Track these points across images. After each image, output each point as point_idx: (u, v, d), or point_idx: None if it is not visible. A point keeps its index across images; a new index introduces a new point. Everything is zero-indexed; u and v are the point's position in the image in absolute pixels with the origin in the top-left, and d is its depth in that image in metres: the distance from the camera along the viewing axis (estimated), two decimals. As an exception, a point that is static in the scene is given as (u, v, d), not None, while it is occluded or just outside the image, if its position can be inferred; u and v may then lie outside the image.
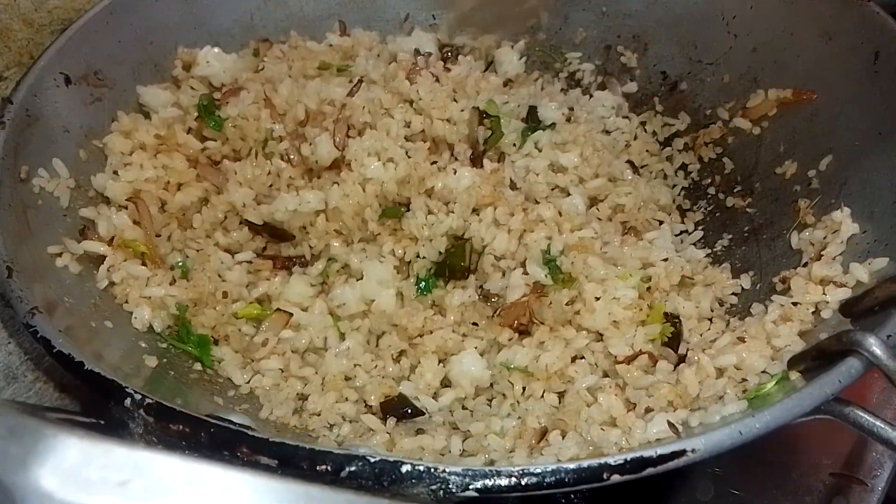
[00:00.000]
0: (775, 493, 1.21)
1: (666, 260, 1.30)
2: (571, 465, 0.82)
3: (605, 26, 1.65)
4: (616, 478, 0.82)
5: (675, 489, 1.21)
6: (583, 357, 1.20)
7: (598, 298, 1.22)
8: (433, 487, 0.80)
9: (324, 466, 0.80)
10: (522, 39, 1.68)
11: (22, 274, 1.04)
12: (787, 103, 1.40)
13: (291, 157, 1.38)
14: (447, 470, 0.80)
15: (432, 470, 0.80)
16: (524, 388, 1.17)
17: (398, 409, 1.13)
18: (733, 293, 1.29)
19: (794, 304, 1.11)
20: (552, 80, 1.68)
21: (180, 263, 1.30)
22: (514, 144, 1.46)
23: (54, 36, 1.36)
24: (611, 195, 1.44)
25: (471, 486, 0.80)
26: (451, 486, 0.80)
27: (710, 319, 1.23)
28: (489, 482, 0.81)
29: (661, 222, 1.44)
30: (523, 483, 0.81)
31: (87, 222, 1.25)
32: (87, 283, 1.17)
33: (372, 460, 0.81)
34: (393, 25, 1.69)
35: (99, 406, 0.98)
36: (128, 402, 0.87)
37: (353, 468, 0.80)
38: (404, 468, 0.81)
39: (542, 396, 1.16)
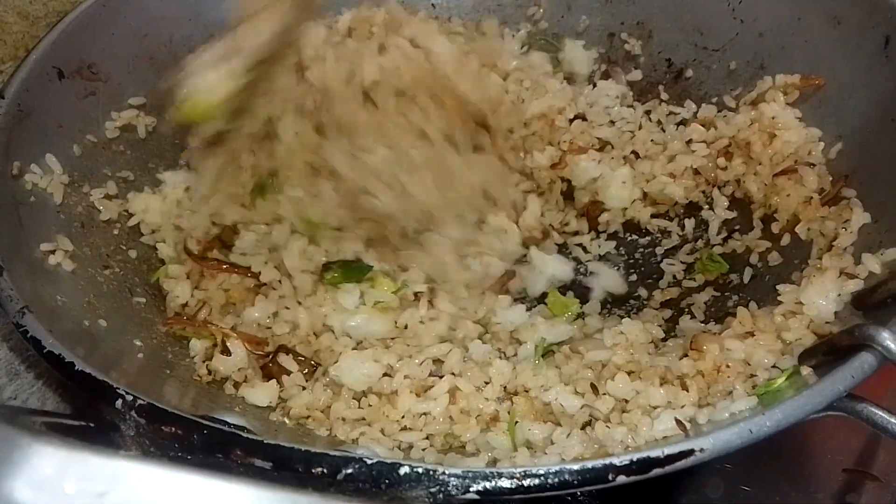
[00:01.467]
0: (787, 490, 1.18)
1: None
2: (575, 466, 0.80)
3: (609, 13, 1.61)
4: (622, 479, 0.79)
5: (684, 486, 1.18)
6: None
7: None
8: (432, 490, 0.78)
9: (319, 469, 0.78)
10: (524, 28, 1.65)
11: (13, 272, 1.02)
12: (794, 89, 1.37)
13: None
14: (447, 472, 0.78)
15: (431, 472, 0.78)
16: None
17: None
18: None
19: (805, 296, 1.08)
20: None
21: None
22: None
23: (49, 28, 1.33)
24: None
25: (471, 489, 0.78)
26: (450, 488, 0.78)
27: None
28: (490, 484, 0.78)
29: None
30: (525, 485, 0.78)
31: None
32: (80, 281, 1.15)
33: (369, 462, 0.79)
34: (392, 15, 1.66)
35: (92, 407, 0.96)
36: (119, 403, 0.85)
37: (349, 470, 0.78)
38: (402, 470, 0.78)
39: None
